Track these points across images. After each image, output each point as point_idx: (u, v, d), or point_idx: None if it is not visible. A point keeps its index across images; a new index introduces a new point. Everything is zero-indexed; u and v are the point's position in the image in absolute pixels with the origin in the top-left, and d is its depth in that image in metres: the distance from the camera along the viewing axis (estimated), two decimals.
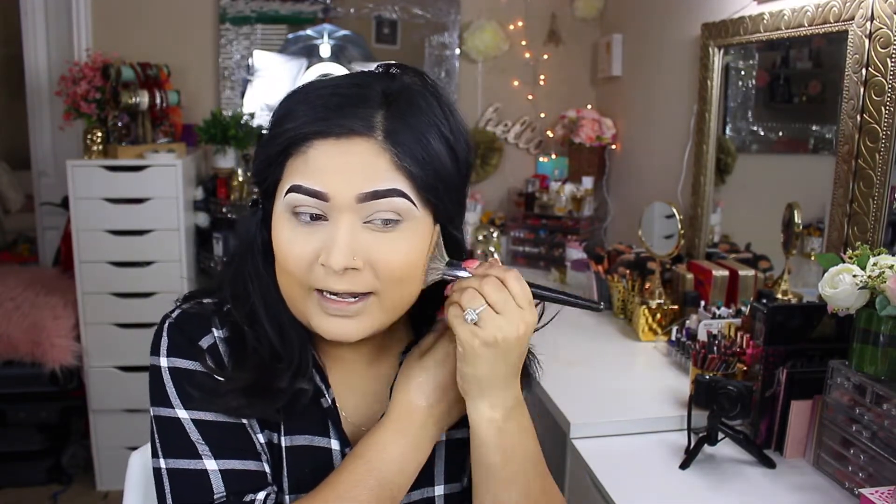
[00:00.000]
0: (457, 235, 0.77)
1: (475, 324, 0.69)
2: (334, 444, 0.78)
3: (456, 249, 0.77)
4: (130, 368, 2.55)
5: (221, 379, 0.73)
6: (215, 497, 0.70)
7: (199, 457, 0.71)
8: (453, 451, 0.82)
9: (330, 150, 0.67)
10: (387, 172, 0.68)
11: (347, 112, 0.67)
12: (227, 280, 0.77)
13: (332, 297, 0.69)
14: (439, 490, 0.80)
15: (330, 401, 0.78)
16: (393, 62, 0.75)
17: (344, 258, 0.67)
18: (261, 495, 0.72)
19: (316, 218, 0.69)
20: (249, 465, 0.73)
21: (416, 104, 0.70)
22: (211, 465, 0.71)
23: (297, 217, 0.69)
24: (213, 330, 0.76)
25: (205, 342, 0.75)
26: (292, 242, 0.69)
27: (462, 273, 0.73)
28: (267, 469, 0.75)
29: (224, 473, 0.71)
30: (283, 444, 0.76)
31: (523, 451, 0.75)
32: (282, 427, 0.77)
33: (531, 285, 0.72)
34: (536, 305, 0.73)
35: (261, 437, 0.76)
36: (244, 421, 0.74)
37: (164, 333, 0.75)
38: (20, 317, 2.51)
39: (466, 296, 0.70)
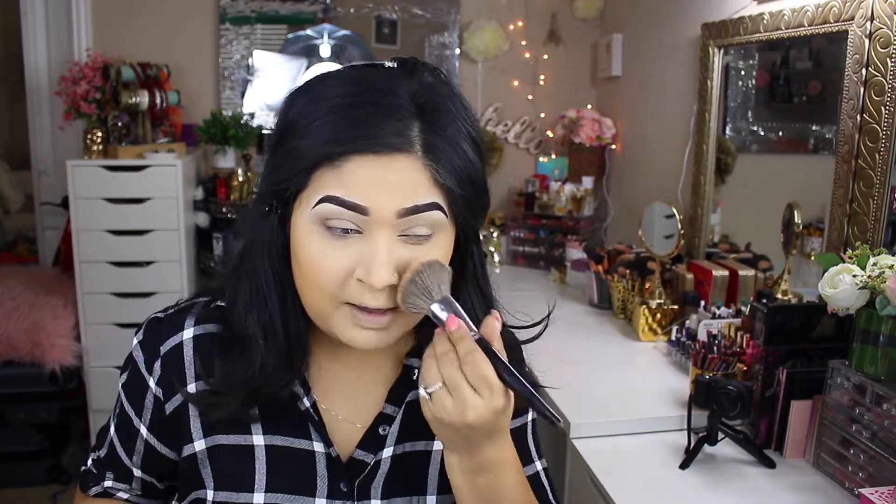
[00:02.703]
0: (477, 244, 0.78)
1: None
2: (317, 447, 0.76)
3: (480, 261, 0.78)
4: None
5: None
6: (99, 451, 0.85)
7: (112, 420, 0.83)
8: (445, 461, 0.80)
9: (369, 164, 0.64)
10: (427, 188, 0.66)
11: (383, 126, 0.65)
12: (239, 287, 0.74)
13: (366, 311, 0.68)
14: (431, 500, 0.78)
15: (309, 404, 0.76)
16: (405, 57, 0.72)
17: (387, 276, 0.65)
18: (108, 483, 0.83)
19: (346, 231, 0.66)
20: (124, 457, 0.82)
21: (447, 110, 0.68)
22: (112, 430, 0.83)
23: (329, 230, 0.66)
24: (182, 330, 0.77)
25: (167, 345, 0.77)
26: (324, 256, 0.67)
27: (442, 316, 0.67)
28: (136, 473, 0.82)
29: (111, 444, 0.83)
30: (255, 443, 0.75)
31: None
32: (260, 427, 0.76)
33: (500, 371, 0.66)
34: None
35: (198, 445, 0.75)
36: (143, 432, 0.79)
37: (144, 325, 0.80)
38: (20, 317, 2.51)
39: (424, 367, 0.68)
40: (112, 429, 0.83)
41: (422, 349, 0.80)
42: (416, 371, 0.80)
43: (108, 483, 0.84)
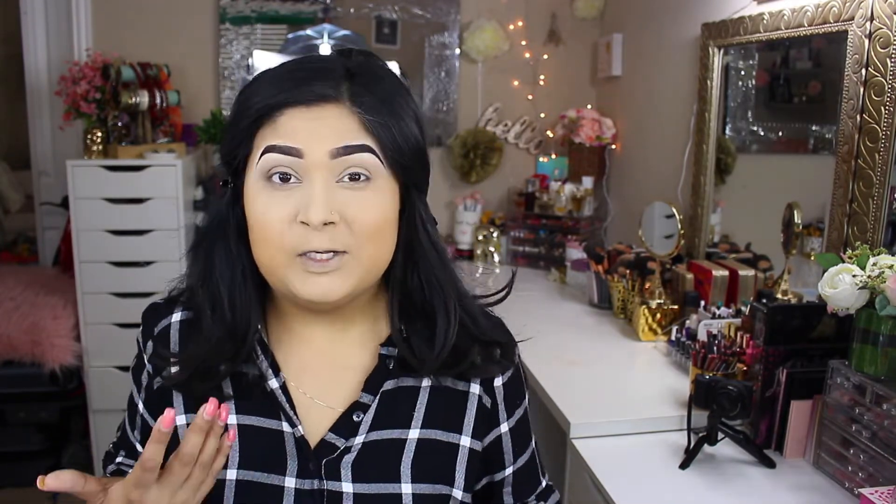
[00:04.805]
0: (423, 203, 0.81)
1: None
2: (286, 427, 0.78)
3: (430, 222, 0.81)
4: None
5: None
6: (118, 433, 0.92)
7: (124, 407, 0.89)
8: (424, 451, 0.80)
9: (301, 114, 0.71)
10: (357, 132, 0.72)
11: (315, 82, 0.72)
12: (194, 265, 0.80)
13: (314, 255, 0.72)
14: (406, 488, 0.78)
15: (278, 385, 0.79)
16: (346, 47, 0.80)
17: (322, 212, 0.70)
18: (119, 460, 0.89)
19: (290, 180, 0.72)
20: (130, 433, 0.88)
21: (378, 75, 0.75)
22: (126, 412, 0.89)
23: (272, 182, 0.72)
24: (172, 314, 0.84)
25: (159, 326, 0.84)
26: (268, 206, 0.72)
27: None
28: (139, 448, 0.86)
29: (124, 424, 0.90)
30: (229, 422, 0.77)
31: None
32: (233, 406, 0.79)
33: None
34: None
35: (178, 420, 0.79)
36: (140, 406, 0.85)
37: (144, 310, 0.87)
38: (20, 317, 2.50)
39: None
40: (126, 410, 0.89)
41: (397, 337, 0.83)
42: (391, 360, 0.82)
43: (119, 459, 0.89)
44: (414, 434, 0.81)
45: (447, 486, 0.81)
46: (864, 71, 1.47)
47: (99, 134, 2.50)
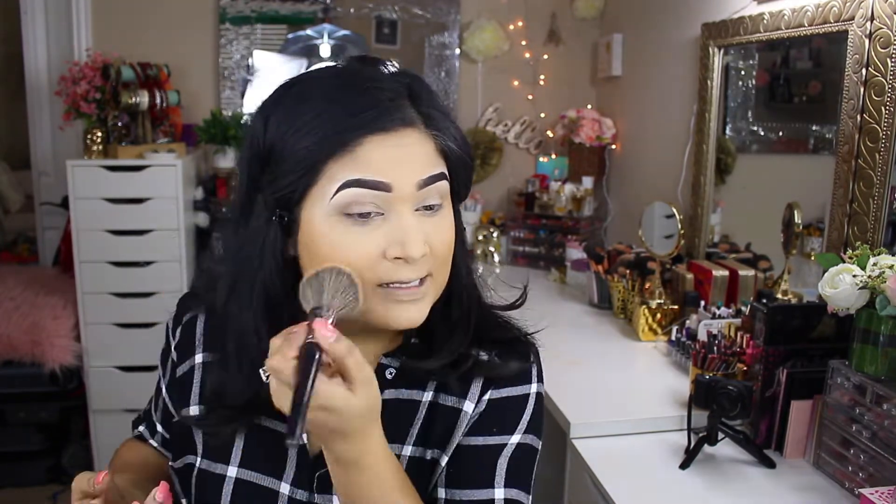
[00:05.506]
0: (458, 216, 0.79)
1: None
2: (284, 488, 0.77)
3: (462, 230, 0.80)
4: (130, 368, 2.54)
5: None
6: (147, 405, 0.94)
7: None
8: (413, 470, 0.77)
9: (384, 142, 0.67)
10: (436, 158, 0.71)
11: (386, 106, 0.68)
12: (229, 311, 0.74)
13: (402, 285, 0.70)
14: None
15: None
16: (366, 55, 0.76)
17: (421, 248, 0.68)
18: (141, 428, 0.93)
19: (368, 215, 0.68)
20: (152, 411, 0.91)
21: (429, 89, 0.73)
22: (154, 389, 0.91)
23: (350, 217, 0.68)
24: (199, 312, 0.85)
25: (188, 315, 0.85)
26: (350, 242, 0.68)
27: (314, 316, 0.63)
28: (158, 427, 0.90)
29: (150, 399, 0.93)
30: (228, 475, 0.78)
31: None
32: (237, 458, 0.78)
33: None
34: None
35: (193, 410, 0.81)
36: (163, 390, 0.87)
37: (180, 298, 0.89)
38: (20, 317, 2.51)
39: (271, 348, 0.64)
40: (155, 386, 0.91)
41: (404, 347, 0.81)
42: (391, 370, 0.80)
43: (141, 428, 0.94)
44: (407, 451, 0.79)
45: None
46: (864, 71, 1.47)
47: (99, 134, 2.50)
